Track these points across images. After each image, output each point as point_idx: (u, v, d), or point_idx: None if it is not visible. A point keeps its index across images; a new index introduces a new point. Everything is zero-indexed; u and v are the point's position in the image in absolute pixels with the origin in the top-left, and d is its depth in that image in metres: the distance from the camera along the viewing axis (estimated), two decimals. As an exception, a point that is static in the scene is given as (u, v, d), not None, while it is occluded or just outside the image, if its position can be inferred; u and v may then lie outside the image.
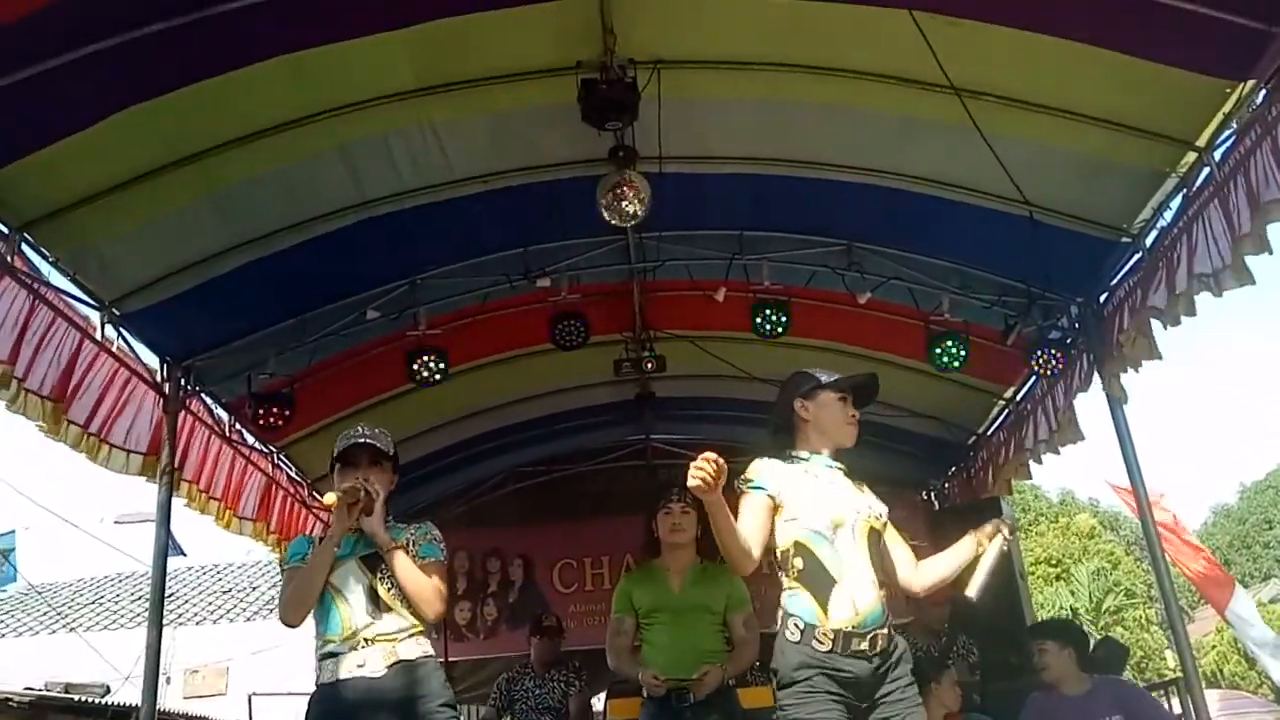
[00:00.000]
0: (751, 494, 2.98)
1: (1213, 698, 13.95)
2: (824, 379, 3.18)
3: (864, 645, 2.84)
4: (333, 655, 3.19)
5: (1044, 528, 33.36)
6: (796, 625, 2.89)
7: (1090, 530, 32.73)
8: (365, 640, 3.17)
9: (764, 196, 5.86)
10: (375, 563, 3.26)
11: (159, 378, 5.81)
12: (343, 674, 3.15)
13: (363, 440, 3.43)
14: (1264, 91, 4.18)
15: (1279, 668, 10.99)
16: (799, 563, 2.91)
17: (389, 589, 3.24)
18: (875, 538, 2.96)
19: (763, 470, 3.01)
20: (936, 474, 9.44)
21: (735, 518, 2.88)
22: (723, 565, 4.40)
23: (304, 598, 3.24)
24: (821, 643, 2.84)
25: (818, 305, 6.68)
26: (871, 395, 3.18)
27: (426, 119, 4.98)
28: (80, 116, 4.13)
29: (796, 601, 2.93)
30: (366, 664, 3.14)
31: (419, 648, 3.24)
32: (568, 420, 8.99)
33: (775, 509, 2.96)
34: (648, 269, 6.34)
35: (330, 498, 3.23)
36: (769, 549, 2.98)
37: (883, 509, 3.02)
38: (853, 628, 2.84)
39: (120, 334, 5.41)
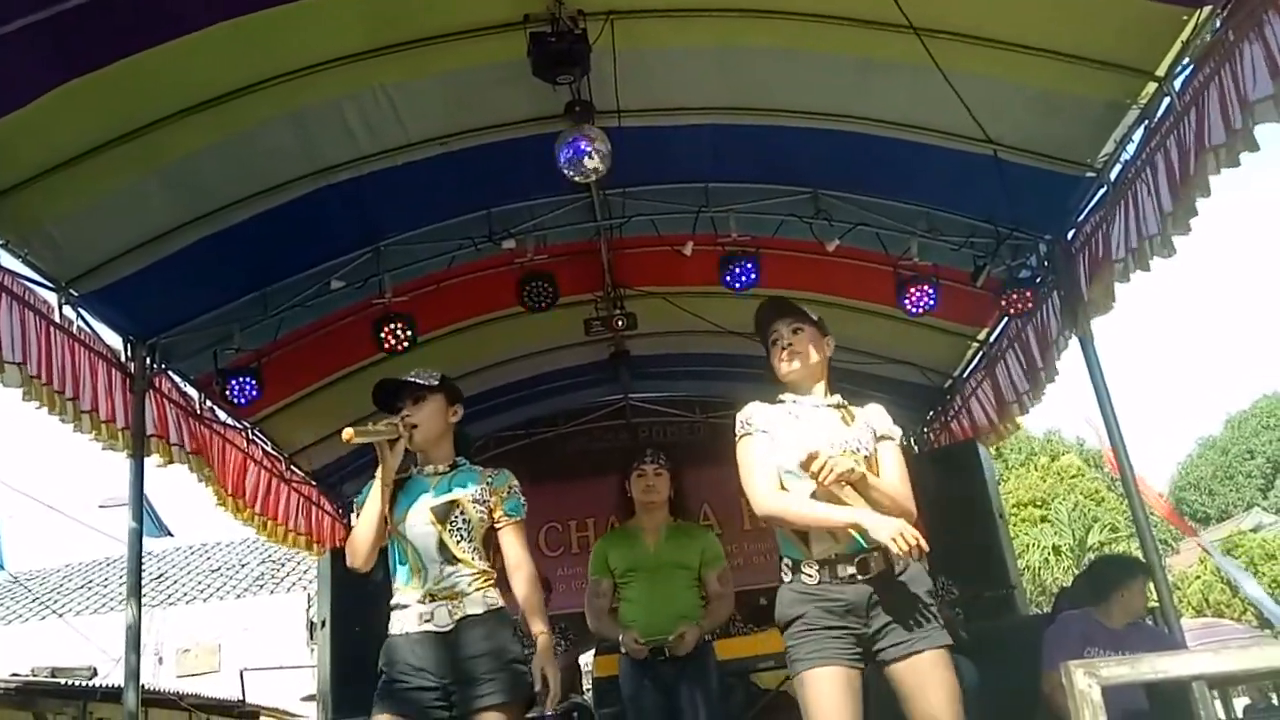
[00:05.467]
0: (754, 435, 3.03)
1: (1193, 626, 14.21)
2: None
3: (852, 569, 2.84)
4: (400, 606, 3.17)
5: (1026, 468, 33.59)
6: (787, 565, 2.95)
7: (1076, 470, 32.97)
8: (431, 595, 3.13)
9: (726, 147, 5.79)
10: (445, 513, 3.20)
11: (123, 357, 5.74)
12: (410, 628, 3.12)
13: (402, 379, 3.30)
14: (1220, 17, 4.14)
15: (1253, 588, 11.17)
16: None
17: (458, 541, 3.18)
18: None
19: (753, 414, 3.08)
20: (914, 419, 9.46)
21: (743, 463, 3.00)
22: (696, 523, 4.46)
23: (359, 543, 3.18)
24: (810, 575, 2.87)
25: (787, 255, 6.63)
26: (786, 314, 3.15)
27: (378, 81, 4.88)
28: (14, 96, 4.01)
29: (784, 542, 2.99)
30: (434, 617, 3.10)
31: (485, 601, 3.17)
32: (545, 383, 8.95)
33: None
34: (614, 226, 6.27)
35: (347, 432, 3.13)
36: None
37: (866, 443, 3.00)
38: (835, 555, 2.86)
39: (79, 314, 5.33)
